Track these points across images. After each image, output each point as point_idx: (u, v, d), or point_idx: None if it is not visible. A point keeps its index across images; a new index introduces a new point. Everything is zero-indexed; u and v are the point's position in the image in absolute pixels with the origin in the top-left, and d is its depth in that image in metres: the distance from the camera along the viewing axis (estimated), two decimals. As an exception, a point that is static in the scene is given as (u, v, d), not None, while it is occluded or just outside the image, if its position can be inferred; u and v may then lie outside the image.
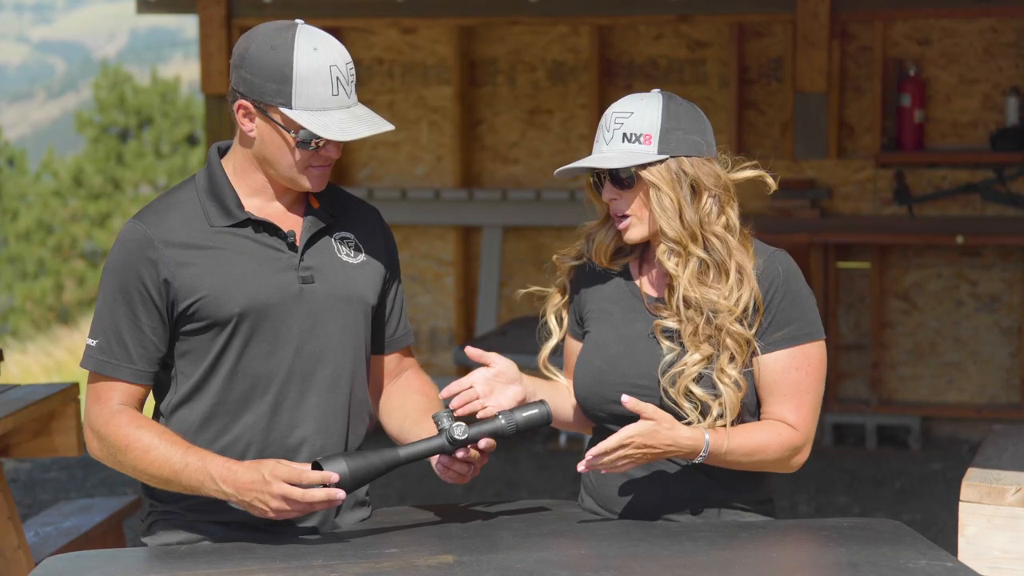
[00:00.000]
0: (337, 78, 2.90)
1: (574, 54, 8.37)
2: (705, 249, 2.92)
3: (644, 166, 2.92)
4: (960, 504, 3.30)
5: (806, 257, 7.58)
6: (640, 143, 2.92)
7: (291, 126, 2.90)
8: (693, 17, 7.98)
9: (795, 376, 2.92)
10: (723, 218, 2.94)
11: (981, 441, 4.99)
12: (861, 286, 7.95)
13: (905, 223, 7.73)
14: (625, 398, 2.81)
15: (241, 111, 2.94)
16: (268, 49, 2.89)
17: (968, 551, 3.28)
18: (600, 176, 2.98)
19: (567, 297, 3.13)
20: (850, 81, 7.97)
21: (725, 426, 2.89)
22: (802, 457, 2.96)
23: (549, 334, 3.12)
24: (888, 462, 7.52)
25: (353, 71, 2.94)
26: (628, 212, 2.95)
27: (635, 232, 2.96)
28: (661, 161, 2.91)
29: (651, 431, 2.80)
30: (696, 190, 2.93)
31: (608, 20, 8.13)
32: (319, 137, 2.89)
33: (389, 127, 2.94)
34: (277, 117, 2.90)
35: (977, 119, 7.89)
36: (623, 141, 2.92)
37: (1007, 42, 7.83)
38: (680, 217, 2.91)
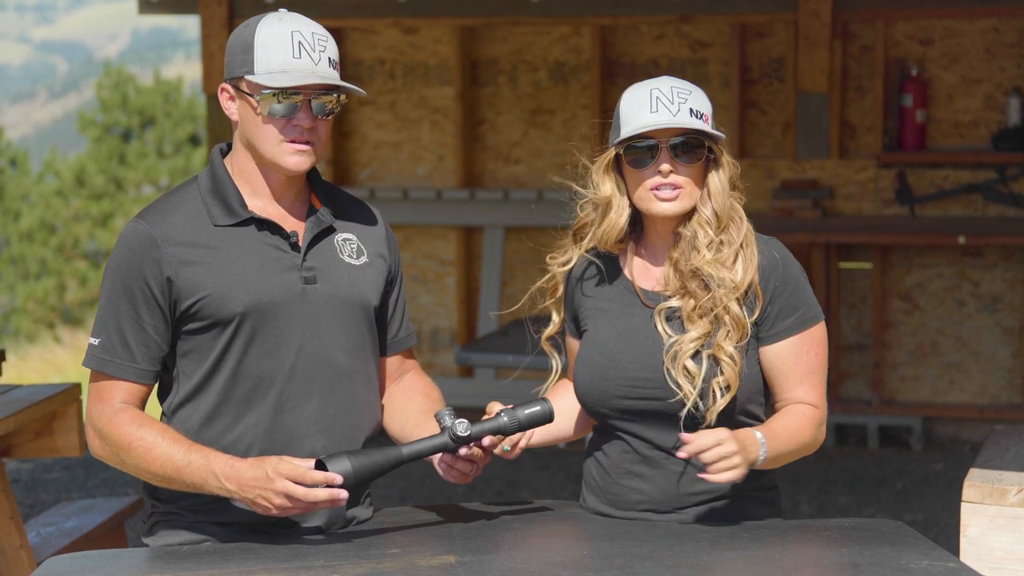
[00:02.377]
0: (300, 43, 2.89)
1: (576, 54, 8.37)
2: (727, 232, 2.98)
3: (718, 142, 2.98)
4: (962, 504, 3.30)
5: (808, 257, 7.57)
6: (703, 121, 2.97)
7: (255, 91, 2.90)
8: (694, 17, 7.98)
9: (806, 359, 3.02)
10: (738, 207, 3.02)
11: (983, 441, 4.98)
12: (863, 286, 7.95)
13: (907, 223, 7.73)
14: (684, 435, 2.83)
15: (224, 95, 2.97)
16: (241, 29, 2.94)
17: (970, 552, 3.28)
18: (646, 147, 2.96)
19: (561, 294, 3.15)
20: (852, 81, 7.97)
21: (734, 399, 2.94)
22: (824, 432, 3.05)
23: (548, 322, 3.16)
24: (890, 462, 7.51)
25: (325, 43, 2.92)
26: (681, 184, 2.97)
27: (680, 205, 2.98)
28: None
29: (728, 433, 2.81)
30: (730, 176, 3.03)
31: (610, 20, 8.13)
32: (269, 87, 2.87)
33: (352, 88, 2.92)
34: (244, 86, 2.92)
35: (979, 119, 7.89)
36: (691, 115, 2.96)
37: (1009, 42, 7.83)
38: (725, 196, 2.99)
